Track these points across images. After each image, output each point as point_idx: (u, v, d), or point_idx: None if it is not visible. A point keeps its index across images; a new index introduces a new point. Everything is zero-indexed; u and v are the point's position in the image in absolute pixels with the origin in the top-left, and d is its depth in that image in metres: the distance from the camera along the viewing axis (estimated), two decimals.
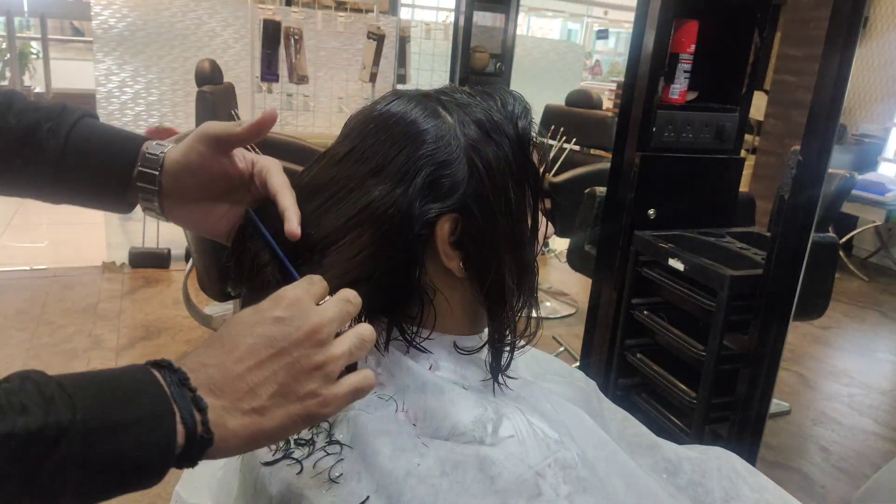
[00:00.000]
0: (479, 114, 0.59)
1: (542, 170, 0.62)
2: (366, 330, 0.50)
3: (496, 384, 0.62)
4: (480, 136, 0.58)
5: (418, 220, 0.55)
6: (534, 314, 0.64)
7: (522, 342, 0.64)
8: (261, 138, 0.58)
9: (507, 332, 0.61)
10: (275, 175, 0.58)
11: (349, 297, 0.50)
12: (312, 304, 0.48)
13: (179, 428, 0.41)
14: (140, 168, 0.59)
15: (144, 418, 0.40)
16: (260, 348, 0.45)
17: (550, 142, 3.80)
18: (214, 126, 0.58)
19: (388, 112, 0.58)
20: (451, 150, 0.56)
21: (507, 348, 0.62)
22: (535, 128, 0.61)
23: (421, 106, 0.58)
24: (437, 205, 0.56)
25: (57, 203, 0.62)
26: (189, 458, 0.43)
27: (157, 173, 0.58)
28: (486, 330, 0.64)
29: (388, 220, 0.55)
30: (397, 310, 0.59)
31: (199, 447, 0.42)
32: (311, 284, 0.50)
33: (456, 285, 0.60)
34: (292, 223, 0.55)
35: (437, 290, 0.60)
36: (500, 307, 0.60)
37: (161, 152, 0.59)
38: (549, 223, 0.68)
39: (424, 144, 0.56)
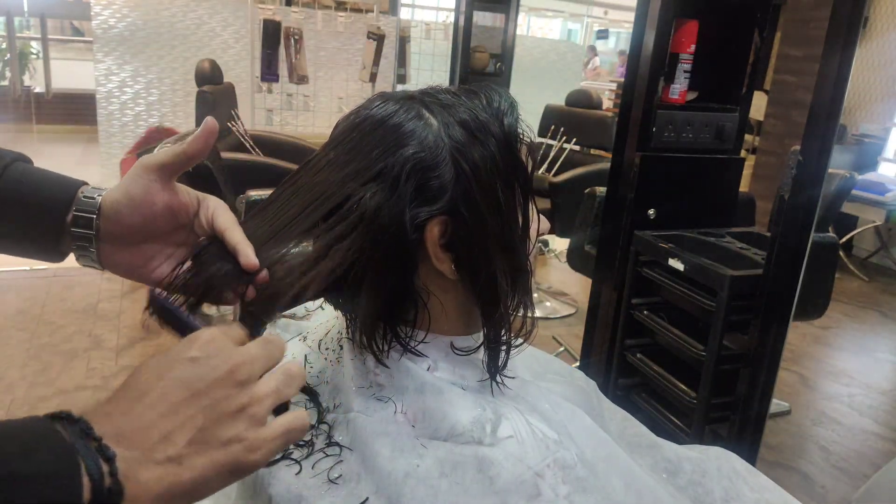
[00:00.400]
0: (463, 114, 0.58)
1: (531, 166, 0.61)
2: (294, 366, 0.47)
3: (493, 384, 0.62)
4: (465, 136, 0.57)
5: (409, 224, 0.55)
6: (529, 313, 0.63)
7: (519, 341, 0.64)
8: (208, 150, 0.56)
9: (503, 332, 0.61)
10: (222, 213, 0.56)
11: (271, 339, 0.48)
12: (230, 343, 0.45)
13: (85, 481, 0.36)
14: (75, 212, 0.55)
15: (45, 472, 0.36)
16: (173, 391, 0.41)
17: (550, 142, 3.80)
18: (156, 155, 0.55)
19: (373, 116, 0.58)
20: (436, 152, 0.56)
21: (504, 348, 0.62)
22: (522, 124, 0.60)
23: (404, 109, 0.58)
24: (426, 208, 0.55)
25: None
26: None
27: (93, 216, 0.55)
28: (482, 330, 0.64)
29: (379, 227, 0.54)
30: (393, 314, 0.59)
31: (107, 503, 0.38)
32: (229, 327, 0.47)
33: (449, 287, 0.60)
34: (249, 256, 0.53)
35: (430, 293, 0.59)
36: (494, 307, 0.60)
37: (98, 195, 0.56)
38: (544, 220, 0.67)
39: (409, 148, 0.55)
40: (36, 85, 7.12)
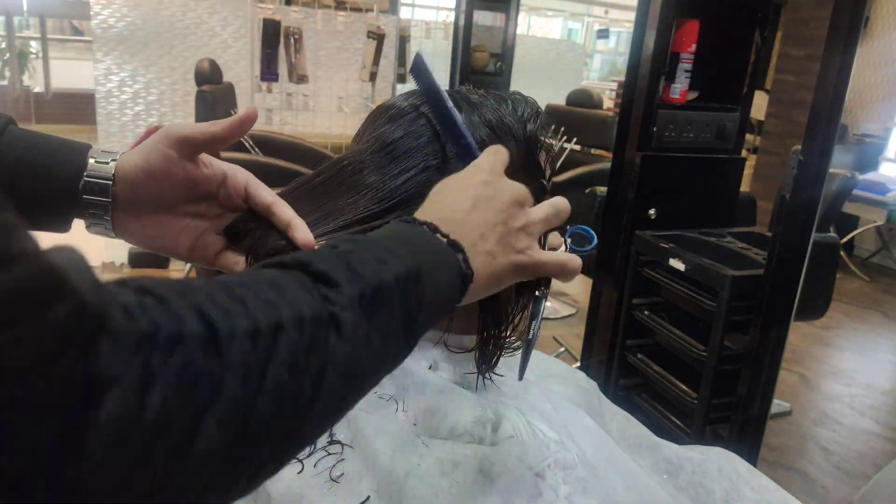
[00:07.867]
0: (489, 114, 0.60)
1: (549, 174, 0.62)
2: (561, 202, 0.54)
3: (480, 380, 0.62)
4: (488, 134, 0.59)
5: None
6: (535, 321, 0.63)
7: (517, 343, 0.63)
8: (239, 137, 0.55)
9: (503, 332, 0.61)
10: (261, 188, 0.56)
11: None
12: (503, 171, 0.52)
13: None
14: (87, 178, 0.52)
15: (442, 261, 0.45)
16: (480, 203, 0.49)
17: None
18: (183, 126, 0.53)
19: (405, 107, 0.60)
20: None
21: (498, 348, 0.62)
22: (547, 132, 0.62)
23: None
24: None
25: None
26: (461, 294, 0.47)
27: (109, 183, 0.52)
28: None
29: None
30: None
31: (464, 283, 0.46)
32: (496, 154, 0.53)
33: None
34: (306, 233, 0.54)
35: None
36: (494, 307, 0.60)
37: (111, 160, 0.53)
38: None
39: (437, 141, 0.57)
40: (35, 84, 7.12)
